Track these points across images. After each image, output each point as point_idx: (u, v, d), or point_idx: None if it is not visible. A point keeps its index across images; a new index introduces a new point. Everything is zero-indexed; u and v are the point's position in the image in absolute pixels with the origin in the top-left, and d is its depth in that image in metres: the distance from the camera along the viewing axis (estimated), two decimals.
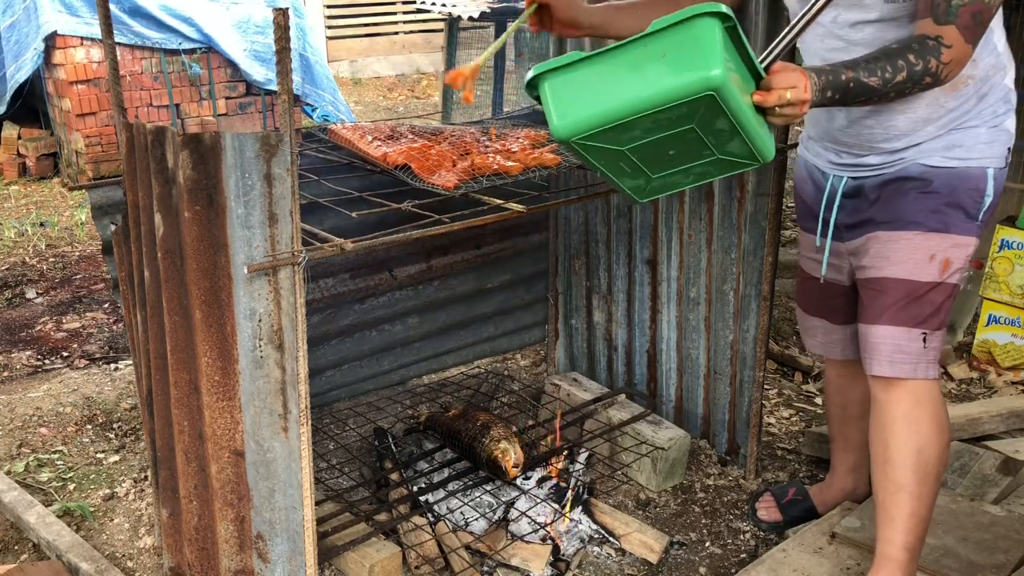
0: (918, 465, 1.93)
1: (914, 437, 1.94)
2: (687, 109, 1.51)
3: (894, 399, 1.96)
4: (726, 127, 1.56)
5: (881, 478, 1.99)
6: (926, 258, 1.92)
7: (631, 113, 1.52)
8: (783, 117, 1.64)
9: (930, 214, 1.91)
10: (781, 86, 1.60)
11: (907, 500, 1.94)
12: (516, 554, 2.25)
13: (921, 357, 1.95)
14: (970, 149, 1.89)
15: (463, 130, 2.47)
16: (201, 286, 1.64)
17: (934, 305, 1.95)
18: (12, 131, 6.73)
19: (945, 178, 1.90)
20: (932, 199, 1.91)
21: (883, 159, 1.95)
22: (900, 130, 1.90)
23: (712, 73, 1.45)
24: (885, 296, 1.97)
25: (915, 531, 1.96)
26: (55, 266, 4.81)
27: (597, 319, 3.02)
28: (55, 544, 2.29)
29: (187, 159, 1.57)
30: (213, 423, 1.72)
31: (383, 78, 10.99)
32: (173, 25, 6.44)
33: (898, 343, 1.95)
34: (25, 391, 3.25)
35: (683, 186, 1.78)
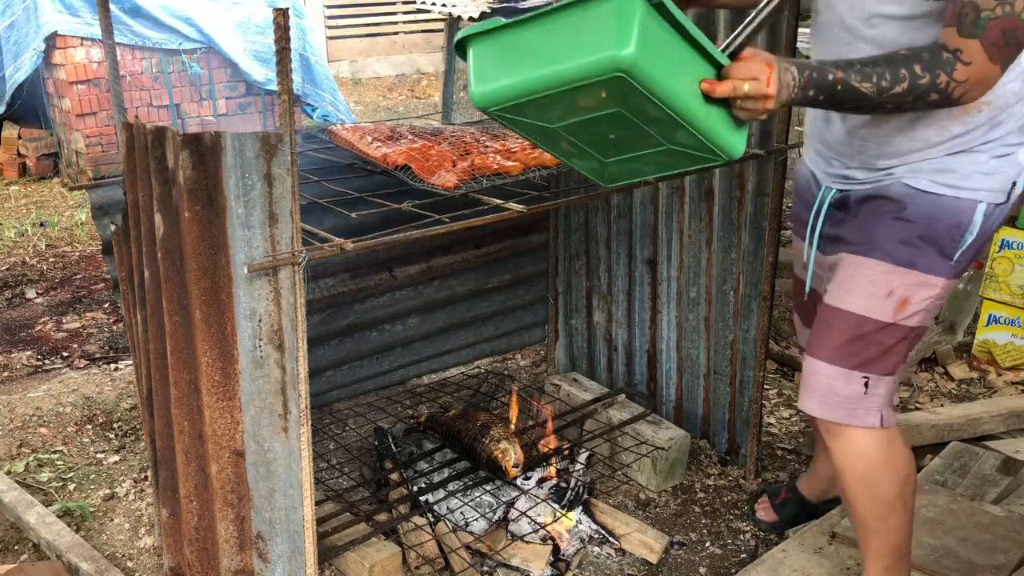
0: (876, 507, 1.85)
1: (864, 487, 1.83)
2: (605, 91, 1.40)
3: (838, 448, 1.84)
4: (661, 115, 1.44)
5: (849, 515, 1.94)
6: (883, 293, 1.74)
7: (541, 89, 1.41)
8: (747, 112, 1.49)
9: (899, 244, 1.73)
10: (738, 76, 1.45)
11: (874, 536, 1.88)
12: (516, 554, 2.25)
13: (859, 403, 1.78)
14: (965, 177, 1.69)
15: (463, 130, 2.47)
16: (201, 286, 1.64)
17: (882, 347, 1.77)
18: (12, 131, 6.73)
19: (926, 206, 1.71)
20: (905, 227, 1.72)
21: (870, 175, 1.80)
22: (896, 149, 1.74)
23: (622, 52, 1.32)
24: (830, 329, 1.80)
25: (891, 555, 1.90)
26: (55, 266, 4.81)
27: (597, 319, 3.02)
28: (55, 544, 2.29)
29: (187, 159, 1.57)
30: (213, 423, 1.72)
31: (383, 78, 10.99)
32: (173, 25, 6.44)
33: (832, 383, 1.79)
34: (25, 391, 3.25)
35: (646, 175, 1.68)
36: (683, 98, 1.43)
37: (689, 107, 1.44)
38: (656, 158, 1.59)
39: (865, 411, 1.79)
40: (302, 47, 7.18)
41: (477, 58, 1.49)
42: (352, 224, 1.91)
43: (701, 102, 1.46)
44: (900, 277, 1.73)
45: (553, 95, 1.42)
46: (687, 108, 1.43)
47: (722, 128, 1.50)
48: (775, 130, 2.31)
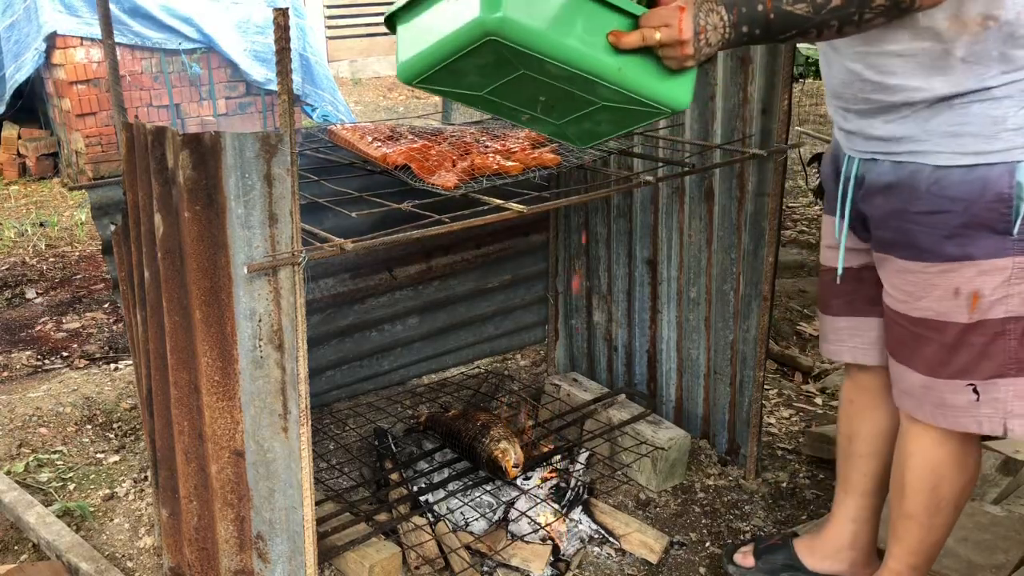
0: (932, 501, 1.77)
1: (930, 475, 1.75)
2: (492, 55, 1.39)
3: (914, 432, 1.75)
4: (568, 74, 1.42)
5: (895, 499, 1.85)
6: (949, 294, 1.59)
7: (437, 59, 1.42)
8: (672, 60, 1.42)
9: (943, 241, 1.57)
10: (648, 24, 1.39)
11: (915, 529, 1.81)
12: (516, 554, 2.25)
13: (976, 410, 1.63)
14: (990, 139, 1.50)
15: (463, 130, 2.47)
16: (201, 286, 1.64)
17: (975, 350, 1.60)
18: (12, 131, 6.73)
19: (955, 187, 1.54)
20: (941, 221, 1.56)
21: (888, 128, 1.61)
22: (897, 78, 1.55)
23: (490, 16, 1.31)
24: (915, 339, 1.67)
25: (923, 554, 1.84)
26: (55, 266, 4.81)
27: (597, 319, 3.02)
28: (55, 544, 2.29)
29: (187, 159, 1.57)
30: (213, 423, 1.72)
31: (383, 78, 10.99)
32: (173, 25, 6.45)
33: (941, 396, 1.66)
34: (25, 391, 3.25)
35: (605, 134, 1.65)
36: (584, 53, 1.39)
37: (593, 62, 1.41)
38: (603, 116, 1.56)
39: (987, 418, 1.63)
40: (302, 47, 7.18)
41: (400, 33, 1.51)
42: (352, 224, 1.91)
43: (612, 55, 1.42)
44: (959, 273, 1.58)
45: (457, 63, 1.41)
46: (590, 63, 1.40)
47: (650, 80, 1.45)
48: (775, 130, 2.31)
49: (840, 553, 2.10)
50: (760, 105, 2.33)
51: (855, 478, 2.06)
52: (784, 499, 2.58)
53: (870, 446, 2.01)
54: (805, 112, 7.06)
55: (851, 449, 2.05)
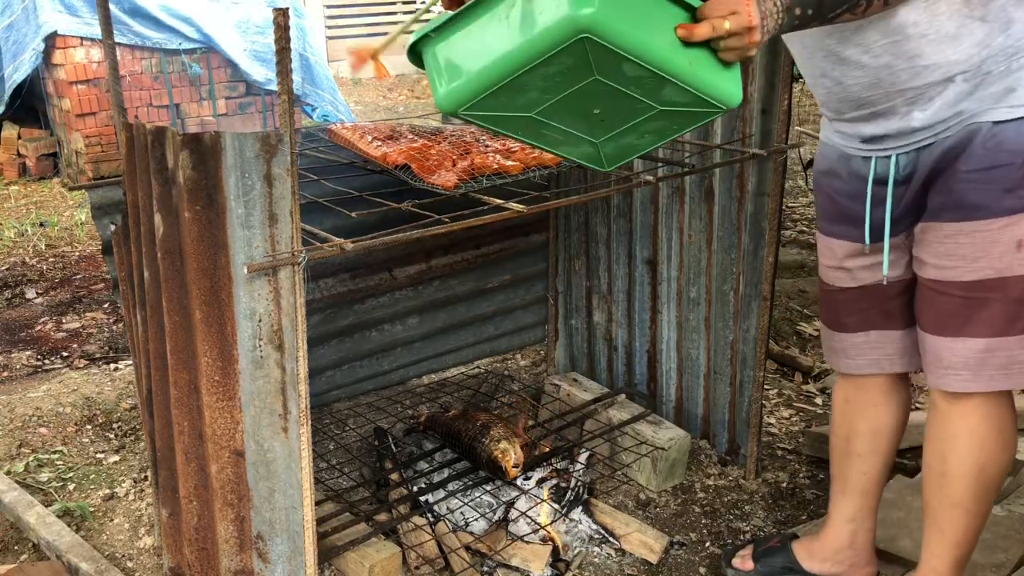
0: (978, 484, 1.74)
1: (976, 455, 1.72)
2: (572, 59, 1.30)
3: (958, 412, 1.73)
4: (642, 74, 1.34)
5: (935, 490, 1.81)
6: (1012, 248, 1.59)
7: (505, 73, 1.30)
8: (734, 52, 1.38)
9: (1003, 195, 1.57)
10: (715, 15, 1.35)
11: (962, 517, 1.78)
12: (516, 554, 2.25)
13: None
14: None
15: (463, 129, 2.47)
16: (201, 286, 1.64)
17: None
18: (12, 131, 6.73)
19: (1011, 140, 1.55)
20: (1000, 176, 1.56)
21: (929, 114, 1.61)
22: (928, 58, 1.56)
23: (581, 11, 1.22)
24: (972, 303, 1.65)
25: (966, 545, 1.81)
26: (55, 266, 4.81)
27: (597, 319, 3.02)
28: (55, 544, 2.29)
29: (187, 159, 1.57)
30: (213, 423, 1.72)
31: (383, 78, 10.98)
32: (173, 25, 6.45)
33: (1011, 354, 1.65)
34: (25, 391, 3.25)
35: (643, 147, 1.57)
36: (660, 50, 1.32)
37: (669, 58, 1.33)
38: (650, 125, 1.49)
39: None
40: (302, 47, 7.18)
41: (433, 60, 1.40)
42: (352, 224, 1.91)
43: (681, 51, 1.35)
44: (1021, 224, 1.58)
45: (521, 78, 1.32)
46: (667, 60, 1.33)
47: (712, 75, 1.40)
48: (775, 130, 2.31)
49: (839, 554, 2.09)
50: (760, 105, 2.33)
51: (853, 477, 2.04)
52: (784, 499, 2.58)
53: (870, 444, 1.99)
54: (805, 112, 7.05)
55: (849, 448, 2.04)
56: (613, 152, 1.59)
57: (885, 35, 1.59)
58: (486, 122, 1.44)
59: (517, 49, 1.29)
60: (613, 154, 1.60)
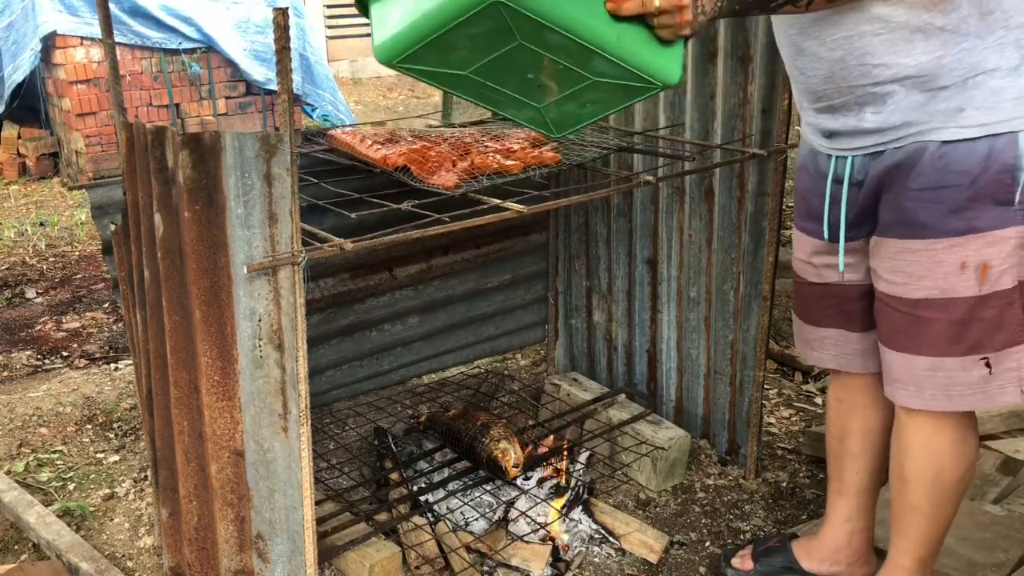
0: (934, 490, 1.76)
1: (930, 464, 1.74)
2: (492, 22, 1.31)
3: (913, 424, 1.75)
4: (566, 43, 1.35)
5: (896, 492, 1.84)
6: (956, 269, 1.58)
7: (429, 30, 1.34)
8: (667, 29, 1.38)
9: (948, 215, 1.56)
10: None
11: (921, 520, 1.80)
12: (516, 554, 2.25)
13: (988, 385, 1.63)
14: (991, 110, 1.50)
15: (463, 130, 2.47)
16: (201, 286, 1.64)
17: (986, 323, 1.60)
18: (12, 131, 6.73)
19: (959, 160, 1.53)
20: (945, 196, 1.55)
21: (881, 117, 1.60)
22: (878, 58, 1.54)
23: None
24: (920, 321, 1.65)
25: (928, 546, 1.83)
26: (55, 266, 4.81)
27: (597, 319, 3.02)
28: (55, 544, 2.29)
29: (187, 159, 1.57)
30: (213, 423, 1.72)
31: (383, 78, 10.99)
32: (173, 25, 6.45)
33: (950, 375, 1.64)
34: (25, 391, 3.25)
35: (587, 117, 1.58)
36: (584, 21, 1.33)
37: (595, 30, 1.34)
38: (590, 95, 1.50)
39: (999, 390, 1.63)
40: (302, 47, 7.18)
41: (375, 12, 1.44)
42: (352, 224, 1.91)
43: (610, 24, 1.36)
44: (964, 247, 1.56)
45: (446, 37, 1.34)
46: (592, 31, 1.34)
47: (645, 51, 1.40)
48: (775, 130, 2.31)
49: (837, 554, 2.10)
50: (760, 105, 2.33)
51: (848, 477, 2.05)
52: (784, 499, 2.58)
53: (862, 444, 2.00)
54: None
55: (843, 448, 2.05)
56: (557, 119, 1.59)
57: (841, 29, 1.58)
58: (422, 76, 1.46)
59: (438, 8, 1.31)
60: (558, 120, 1.60)
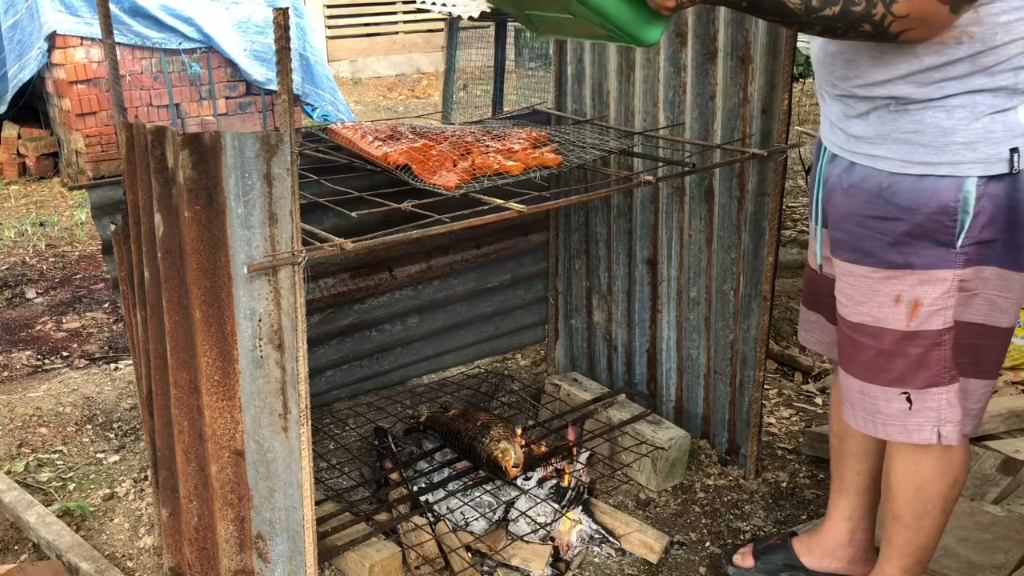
0: (916, 502, 1.76)
1: (912, 477, 1.75)
2: None
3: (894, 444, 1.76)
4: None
5: (884, 500, 1.85)
6: (890, 300, 1.60)
7: None
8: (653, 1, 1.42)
9: (888, 247, 1.57)
10: None
11: (903, 530, 1.82)
12: (516, 554, 2.25)
13: (908, 419, 1.65)
14: (939, 150, 1.50)
15: (464, 129, 2.47)
16: (201, 286, 1.64)
17: (910, 359, 1.61)
18: (12, 131, 6.73)
19: (903, 193, 1.54)
20: (887, 227, 1.57)
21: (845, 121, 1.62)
22: (861, 70, 1.55)
23: None
24: (854, 344, 1.68)
25: (913, 556, 1.84)
26: (55, 266, 4.81)
27: (597, 319, 3.02)
28: (55, 544, 2.29)
29: (187, 159, 1.57)
30: (213, 423, 1.72)
31: (383, 78, 10.99)
32: (173, 25, 6.45)
33: (874, 402, 1.68)
34: (25, 391, 3.25)
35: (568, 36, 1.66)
36: None
37: None
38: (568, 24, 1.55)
39: (917, 427, 1.64)
40: (302, 47, 7.18)
41: None
42: (352, 224, 1.91)
43: None
44: (900, 280, 1.58)
45: None
46: None
47: (624, 11, 1.44)
48: (775, 130, 2.31)
49: (838, 551, 2.11)
50: (760, 105, 2.33)
51: (849, 477, 2.06)
52: (784, 499, 2.58)
53: (862, 444, 2.01)
54: (805, 112, 7.05)
55: (843, 448, 2.06)
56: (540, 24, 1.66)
57: None
58: None
59: None
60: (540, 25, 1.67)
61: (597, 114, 2.76)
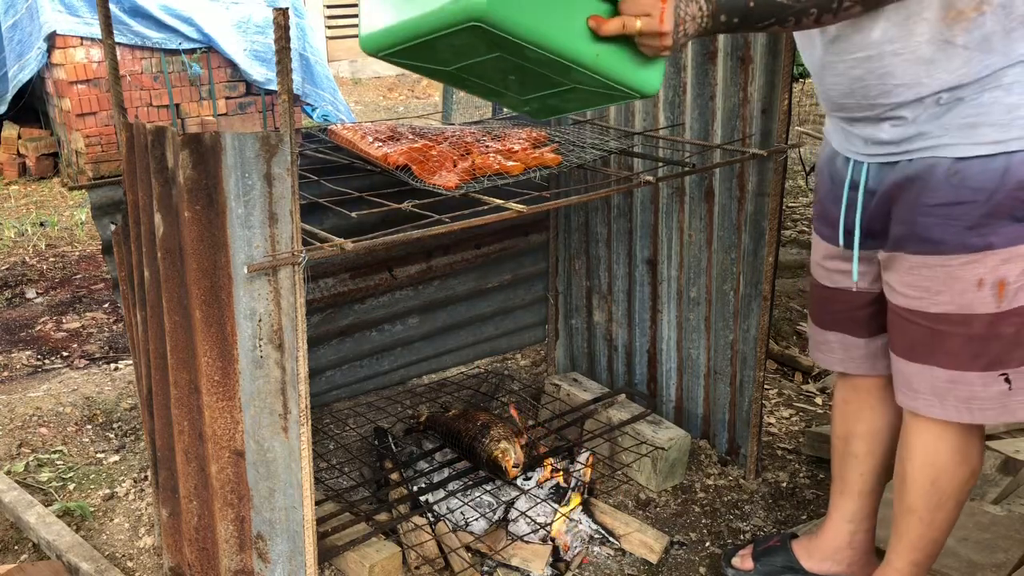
0: (931, 494, 1.76)
1: (929, 468, 1.75)
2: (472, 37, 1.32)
3: (917, 427, 1.76)
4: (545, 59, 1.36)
5: (897, 494, 1.84)
6: (972, 285, 1.57)
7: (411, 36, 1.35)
8: (649, 48, 1.40)
9: (964, 232, 1.55)
10: (629, 12, 1.37)
11: (917, 524, 1.81)
12: (516, 554, 2.25)
13: (1008, 400, 1.62)
14: (1005, 127, 1.50)
15: (463, 130, 2.47)
16: (201, 286, 1.64)
17: (1005, 340, 1.59)
18: (12, 131, 6.74)
19: (975, 177, 1.52)
20: (962, 212, 1.55)
21: (896, 131, 1.60)
22: (900, 78, 1.54)
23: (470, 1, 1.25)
24: (935, 334, 1.65)
25: (924, 551, 1.83)
26: (55, 266, 4.81)
27: (597, 319, 3.02)
28: (55, 544, 2.29)
29: (187, 159, 1.57)
30: (213, 423, 1.72)
31: (383, 78, 10.99)
32: (173, 25, 6.45)
33: (971, 389, 1.64)
34: (25, 391, 3.25)
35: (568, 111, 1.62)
36: (564, 40, 1.35)
37: (574, 49, 1.36)
38: (570, 95, 1.53)
39: (1019, 405, 1.62)
40: (302, 47, 7.18)
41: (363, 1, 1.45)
42: (352, 224, 1.91)
43: (590, 41, 1.38)
44: (980, 263, 1.56)
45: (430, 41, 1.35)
46: (572, 50, 1.36)
47: (623, 66, 1.42)
48: (775, 130, 2.31)
49: (838, 554, 2.10)
50: (760, 105, 2.33)
51: (851, 478, 2.05)
52: (784, 499, 2.58)
53: (866, 445, 2.01)
54: (805, 112, 7.06)
55: (847, 449, 2.05)
56: (539, 108, 1.63)
57: (860, 49, 1.59)
58: (406, 66, 1.48)
59: (420, 19, 1.33)
60: (539, 110, 1.64)
61: (597, 114, 2.76)
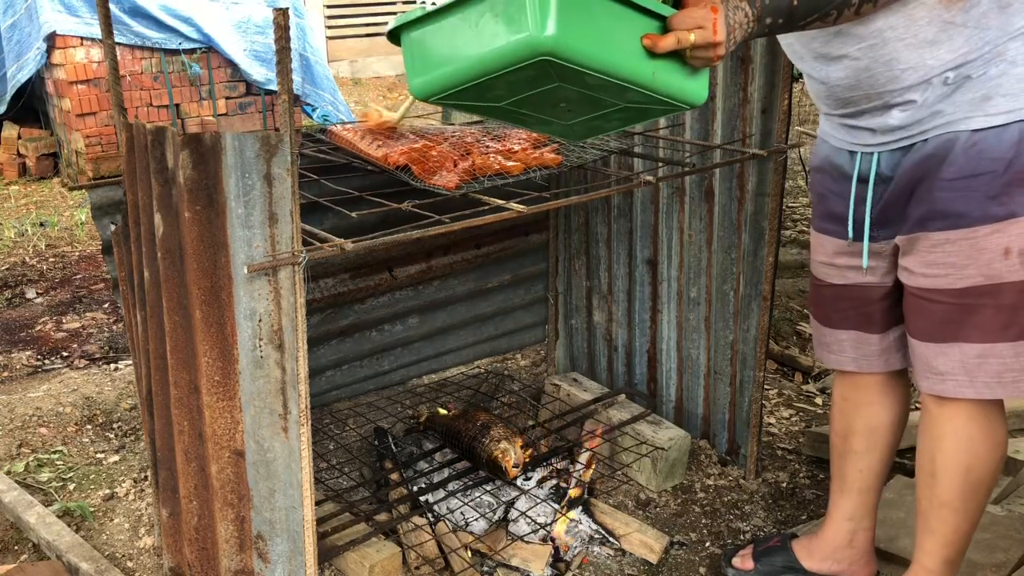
0: (966, 484, 1.75)
1: (963, 456, 1.74)
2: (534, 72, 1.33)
3: (945, 414, 1.75)
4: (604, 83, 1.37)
5: (925, 489, 1.82)
6: (999, 255, 1.59)
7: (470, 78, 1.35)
8: (700, 60, 1.42)
9: (987, 202, 1.57)
10: (682, 27, 1.38)
11: (951, 516, 1.79)
12: (516, 554, 2.25)
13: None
14: (1016, 97, 1.53)
15: (464, 130, 2.47)
16: (201, 286, 1.64)
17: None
18: (12, 131, 6.73)
19: (994, 148, 1.55)
20: (983, 184, 1.57)
21: (908, 114, 1.63)
22: (905, 62, 1.58)
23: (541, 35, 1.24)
24: (964, 309, 1.65)
25: (956, 544, 1.82)
26: (55, 266, 4.81)
27: (597, 319, 3.02)
28: (55, 544, 2.29)
29: (187, 159, 1.57)
30: (213, 423, 1.72)
31: (383, 78, 10.98)
32: (173, 25, 6.45)
33: (1002, 361, 1.65)
34: (25, 391, 3.25)
35: (611, 129, 1.63)
36: (623, 62, 1.36)
37: (632, 69, 1.37)
38: (617, 115, 1.54)
39: None
40: (302, 47, 7.18)
41: (408, 48, 1.44)
42: (352, 224, 1.91)
43: (646, 60, 1.38)
44: (1005, 232, 1.58)
45: (487, 81, 1.36)
46: (630, 71, 1.37)
47: (676, 80, 1.43)
48: (775, 130, 2.31)
49: (838, 553, 2.10)
50: (760, 105, 2.33)
51: (851, 476, 2.05)
52: (784, 499, 2.58)
53: (867, 442, 2.01)
54: (805, 112, 7.05)
55: (847, 446, 2.05)
56: (582, 131, 1.65)
57: (864, 39, 1.61)
58: (458, 108, 1.50)
59: (481, 59, 1.33)
60: (582, 132, 1.66)
61: None
